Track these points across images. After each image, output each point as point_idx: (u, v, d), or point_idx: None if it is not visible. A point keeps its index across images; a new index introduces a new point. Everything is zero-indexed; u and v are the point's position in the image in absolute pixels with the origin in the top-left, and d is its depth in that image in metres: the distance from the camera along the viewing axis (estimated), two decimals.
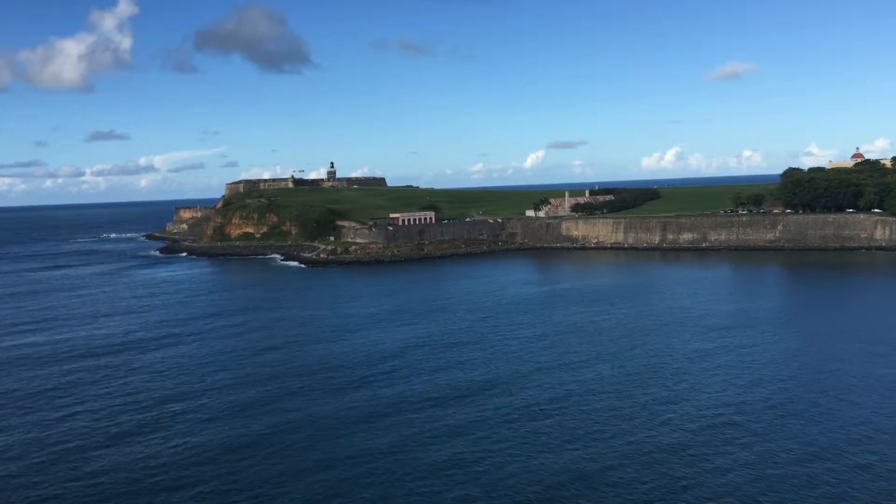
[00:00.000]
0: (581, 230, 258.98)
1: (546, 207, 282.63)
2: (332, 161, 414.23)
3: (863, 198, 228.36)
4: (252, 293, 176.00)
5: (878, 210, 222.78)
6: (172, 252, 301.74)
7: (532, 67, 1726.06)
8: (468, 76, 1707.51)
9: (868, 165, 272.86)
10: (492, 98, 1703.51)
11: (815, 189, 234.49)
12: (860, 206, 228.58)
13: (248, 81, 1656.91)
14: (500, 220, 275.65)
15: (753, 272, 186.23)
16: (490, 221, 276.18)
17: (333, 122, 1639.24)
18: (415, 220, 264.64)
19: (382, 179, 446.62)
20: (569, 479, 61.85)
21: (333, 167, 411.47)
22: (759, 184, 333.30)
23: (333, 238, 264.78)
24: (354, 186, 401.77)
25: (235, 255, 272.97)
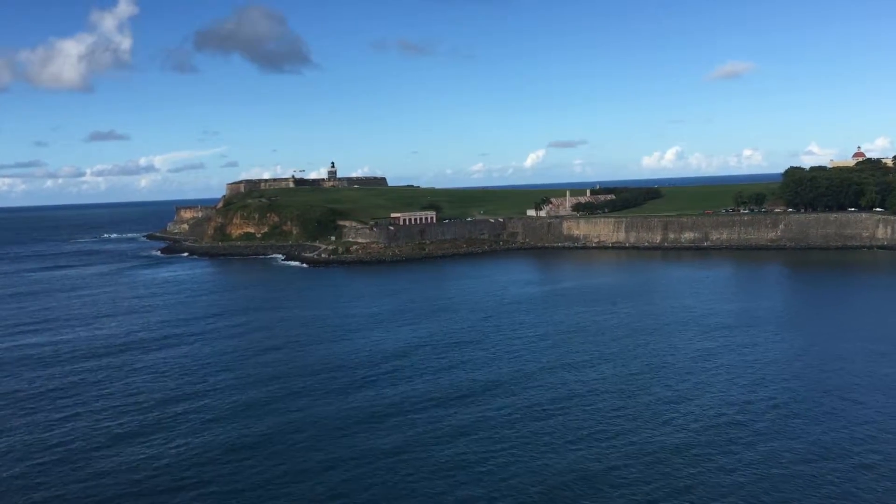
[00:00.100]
0: (582, 229, 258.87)
1: (547, 207, 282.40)
2: (333, 161, 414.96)
3: (864, 197, 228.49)
4: (253, 293, 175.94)
5: (880, 209, 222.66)
6: (173, 252, 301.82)
7: (532, 67, 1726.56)
8: (468, 76, 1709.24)
9: (870, 164, 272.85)
10: (492, 98, 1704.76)
11: (817, 188, 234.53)
12: (862, 205, 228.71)
13: (248, 81, 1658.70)
14: (502, 220, 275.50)
15: (755, 271, 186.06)
16: (491, 221, 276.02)
17: (334, 122, 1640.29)
18: (416, 220, 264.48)
19: (383, 179, 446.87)
20: (572, 480, 61.70)
21: (334, 167, 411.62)
22: (761, 183, 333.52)
23: (334, 238, 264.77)
24: (355, 186, 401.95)
25: (237, 255, 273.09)
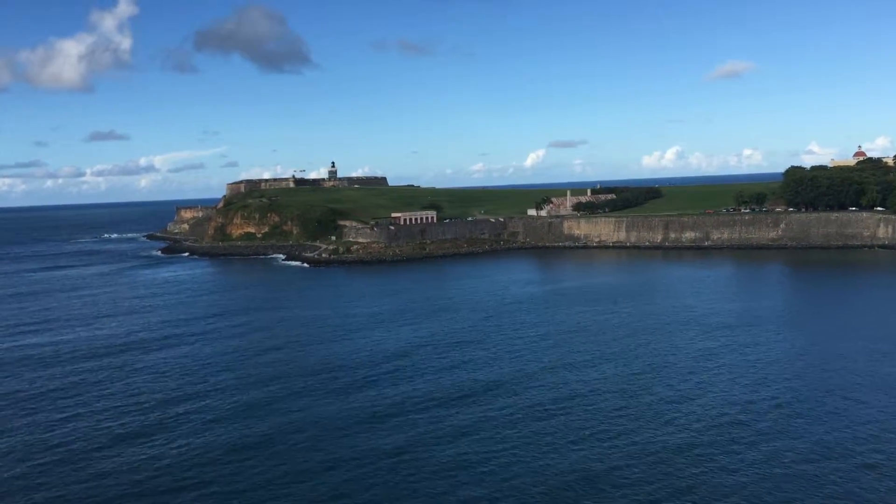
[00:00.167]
0: (583, 229, 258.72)
1: (548, 206, 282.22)
2: (333, 161, 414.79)
3: (865, 196, 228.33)
4: (254, 293, 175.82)
5: (881, 208, 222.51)
6: (174, 252, 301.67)
7: (532, 67, 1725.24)
8: (468, 76, 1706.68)
9: (870, 164, 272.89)
10: (492, 97, 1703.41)
11: (818, 187, 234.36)
12: (863, 205, 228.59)
13: (248, 81, 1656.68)
14: (502, 220, 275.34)
15: (756, 271, 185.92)
16: (492, 221, 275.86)
17: (334, 122, 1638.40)
18: (416, 220, 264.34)
19: (383, 179, 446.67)
20: (574, 480, 61.58)
21: (334, 167, 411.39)
22: (761, 182, 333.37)
23: (335, 238, 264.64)
24: (355, 186, 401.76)
25: (237, 255, 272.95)
